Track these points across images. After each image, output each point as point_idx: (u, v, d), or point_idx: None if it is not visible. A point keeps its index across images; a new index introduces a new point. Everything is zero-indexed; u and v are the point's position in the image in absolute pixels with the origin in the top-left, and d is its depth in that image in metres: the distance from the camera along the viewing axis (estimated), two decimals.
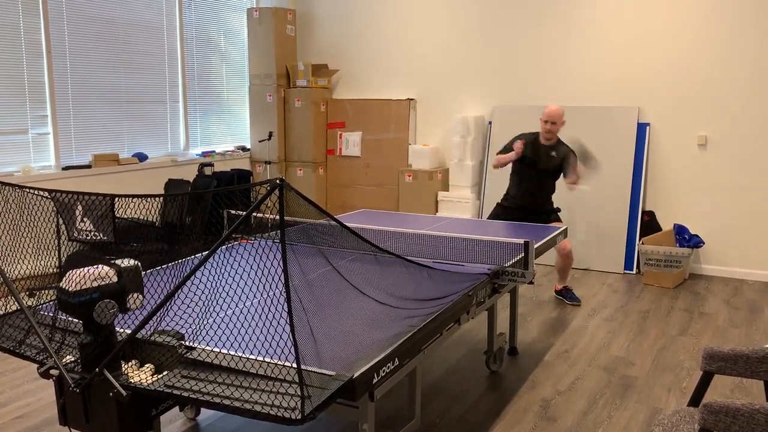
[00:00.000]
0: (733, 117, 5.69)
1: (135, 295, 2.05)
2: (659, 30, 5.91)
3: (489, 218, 4.91)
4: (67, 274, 2.01)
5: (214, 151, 7.10)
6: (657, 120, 6.01)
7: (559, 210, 5.01)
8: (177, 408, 3.26)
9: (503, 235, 3.98)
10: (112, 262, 2.06)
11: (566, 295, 5.07)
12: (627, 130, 6.05)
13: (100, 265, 2.03)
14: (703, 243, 5.83)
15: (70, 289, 1.96)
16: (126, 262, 2.06)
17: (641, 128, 6.04)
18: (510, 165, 4.86)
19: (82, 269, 2.01)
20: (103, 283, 1.99)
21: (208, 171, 6.57)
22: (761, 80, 5.56)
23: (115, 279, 2.01)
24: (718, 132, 5.77)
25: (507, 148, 4.84)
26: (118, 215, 2.17)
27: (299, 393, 1.85)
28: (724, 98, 5.71)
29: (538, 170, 4.80)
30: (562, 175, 4.81)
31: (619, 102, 6.15)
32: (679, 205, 5.98)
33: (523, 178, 4.86)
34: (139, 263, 2.09)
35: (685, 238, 5.76)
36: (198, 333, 2.32)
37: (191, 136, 6.91)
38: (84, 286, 1.96)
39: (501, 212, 4.94)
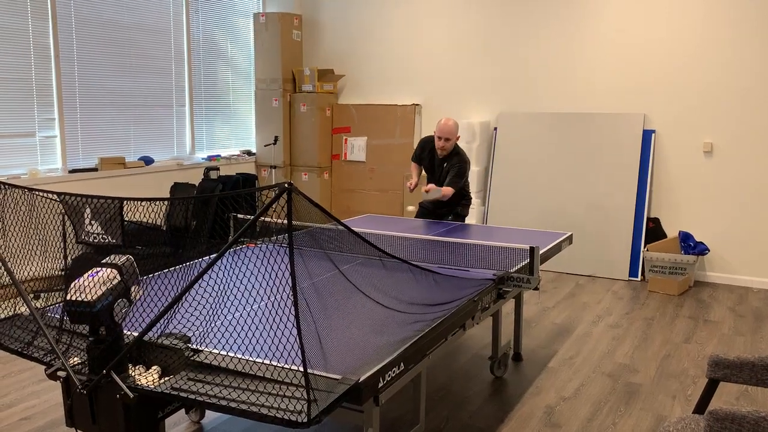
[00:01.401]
0: (739, 124, 5.69)
1: (135, 288, 2.06)
2: (665, 37, 5.91)
3: (416, 216, 5.07)
4: (72, 285, 2.00)
5: (219, 155, 7.12)
6: (662, 127, 6.01)
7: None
8: (182, 410, 3.26)
9: (509, 241, 3.98)
10: (107, 261, 2.06)
11: None
12: (632, 137, 6.05)
13: (99, 269, 2.03)
14: (709, 250, 5.82)
15: (88, 298, 1.95)
16: (120, 259, 2.07)
17: (647, 135, 6.04)
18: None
19: (84, 277, 2.00)
20: (112, 285, 2.00)
21: (213, 175, 6.59)
22: (767, 87, 5.56)
23: (118, 278, 2.02)
24: (723, 139, 5.77)
25: (416, 154, 5.01)
26: (125, 218, 2.18)
27: (306, 396, 1.86)
28: (730, 105, 5.71)
29: (435, 178, 4.95)
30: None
31: (625, 109, 6.15)
32: (685, 212, 5.98)
33: (429, 180, 5.02)
34: (131, 257, 2.10)
35: (690, 245, 5.76)
36: (205, 336, 2.33)
37: (197, 140, 6.94)
38: (100, 292, 1.97)
39: (421, 212, 5.05)
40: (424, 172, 5.07)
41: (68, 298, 1.98)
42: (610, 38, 6.14)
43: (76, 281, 2.00)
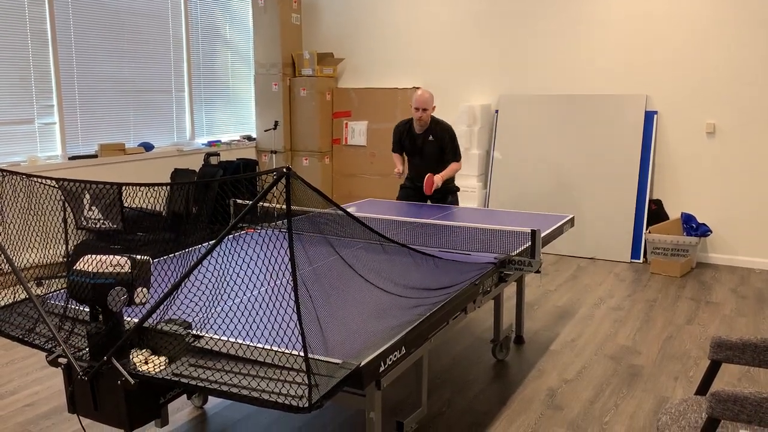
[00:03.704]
0: (742, 105, 5.65)
1: (142, 289, 2.05)
2: (667, 17, 5.86)
3: (397, 199, 5.03)
4: (83, 258, 2.02)
5: (219, 141, 7.10)
6: (665, 108, 5.97)
7: (458, 189, 4.97)
8: (185, 396, 3.27)
9: (510, 224, 3.97)
10: (128, 255, 2.06)
11: None
12: (635, 118, 6.01)
13: (115, 255, 2.04)
14: (711, 232, 5.81)
15: (88, 269, 1.98)
16: (139, 256, 2.07)
17: (649, 116, 6.00)
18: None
19: (96, 256, 2.02)
20: (118, 270, 2.00)
21: (214, 160, 6.57)
22: None
23: (128, 269, 2.02)
24: (726, 120, 5.73)
25: (394, 145, 4.94)
26: (125, 204, 2.17)
27: (306, 381, 1.85)
28: (733, 86, 5.67)
29: (421, 157, 4.83)
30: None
31: (627, 90, 6.11)
32: (687, 194, 5.96)
33: (412, 165, 4.95)
34: (150, 259, 2.09)
35: (692, 226, 5.74)
36: (205, 322, 2.33)
37: (197, 126, 6.91)
38: (101, 270, 1.98)
39: (403, 194, 5.01)
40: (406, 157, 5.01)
41: (74, 267, 2.00)
42: (612, 19, 6.08)
43: (89, 256, 2.02)
